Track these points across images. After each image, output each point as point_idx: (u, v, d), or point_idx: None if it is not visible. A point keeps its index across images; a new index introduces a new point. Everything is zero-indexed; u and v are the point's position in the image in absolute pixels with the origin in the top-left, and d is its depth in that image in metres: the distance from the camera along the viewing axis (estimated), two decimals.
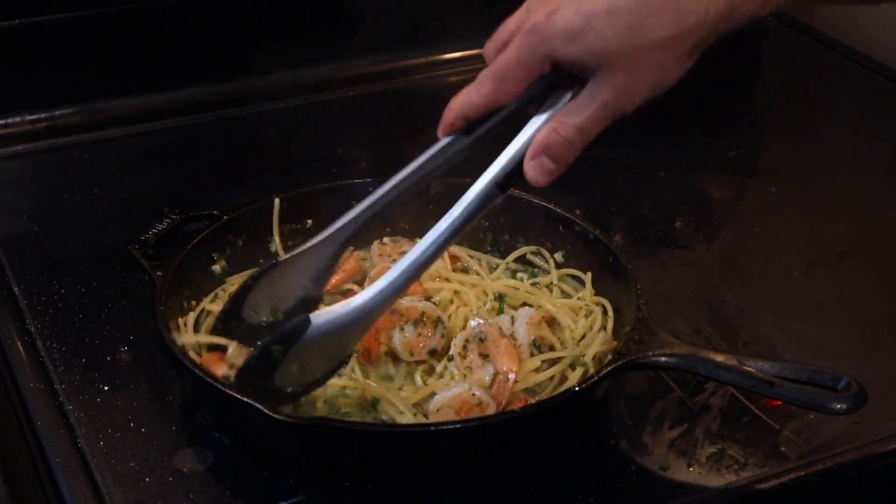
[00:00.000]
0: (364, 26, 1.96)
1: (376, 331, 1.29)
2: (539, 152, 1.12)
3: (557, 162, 1.12)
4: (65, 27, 1.78)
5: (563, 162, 1.13)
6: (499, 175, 1.14)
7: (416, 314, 1.29)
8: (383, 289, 1.16)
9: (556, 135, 1.11)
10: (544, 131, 1.12)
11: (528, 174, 1.13)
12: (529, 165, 1.13)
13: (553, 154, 1.12)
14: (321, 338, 1.17)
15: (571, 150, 1.12)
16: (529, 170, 1.13)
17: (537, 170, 1.13)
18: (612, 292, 1.35)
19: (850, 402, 1.13)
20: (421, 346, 1.29)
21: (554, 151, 1.12)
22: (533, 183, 1.14)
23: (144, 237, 1.38)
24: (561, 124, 1.11)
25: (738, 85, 2.09)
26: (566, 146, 1.11)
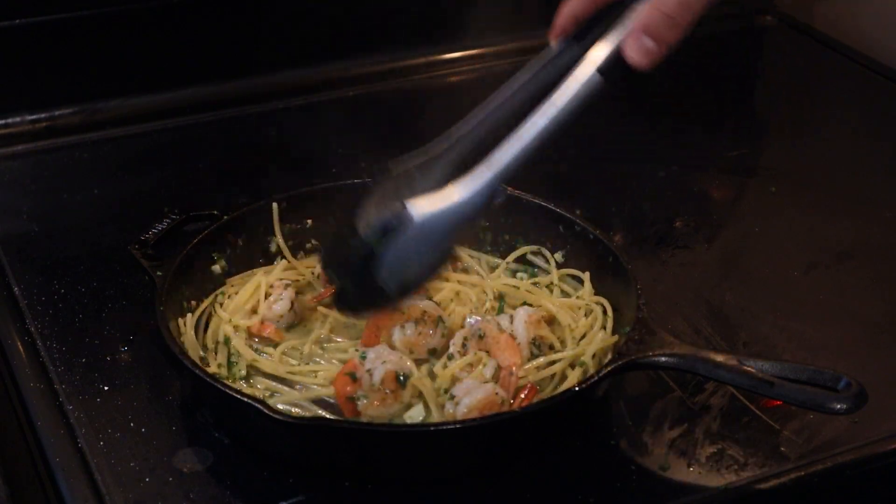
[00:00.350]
0: (364, 26, 1.96)
1: (377, 327, 1.29)
2: (641, 31, 1.06)
3: (658, 41, 1.06)
4: (65, 27, 1.78)
5: (666, 41, 1.06)
6: (603, 61, 1.07)
7: (417, 313, 1.29)
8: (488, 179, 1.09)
9: (657, 11, 1.06)
10: (645, 9, 1.06)
11: (628, 55, 1.06)
12: (630, 46, 1.06)
13: (654, 32, 1.06)
14: (423, 232, 1.10)
15: (673, 27, 1.06)
16: (631, 50, 1.06)
17: (639, 50, 1.06)
18: (612, 292, 1.35)
19: (850, 402, 1.13)
20: (421, 344, 1.29)
21: (655, 30, 1.06)
22: (635, 65, 1.07)
23: (144, 237, 1.38)
24: (661, 2, 1.06)
25: (738, 85, 2.09)
26: (667, 23, 1.06)
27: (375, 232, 1.10)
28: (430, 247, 1.12)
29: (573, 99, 1.07)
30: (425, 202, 1.10)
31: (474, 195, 1.09)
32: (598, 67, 1.07)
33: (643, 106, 1.92)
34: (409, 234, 1.10)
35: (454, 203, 1.10)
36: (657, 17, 1.06)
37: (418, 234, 1.10)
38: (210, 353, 1.30)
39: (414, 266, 1.13)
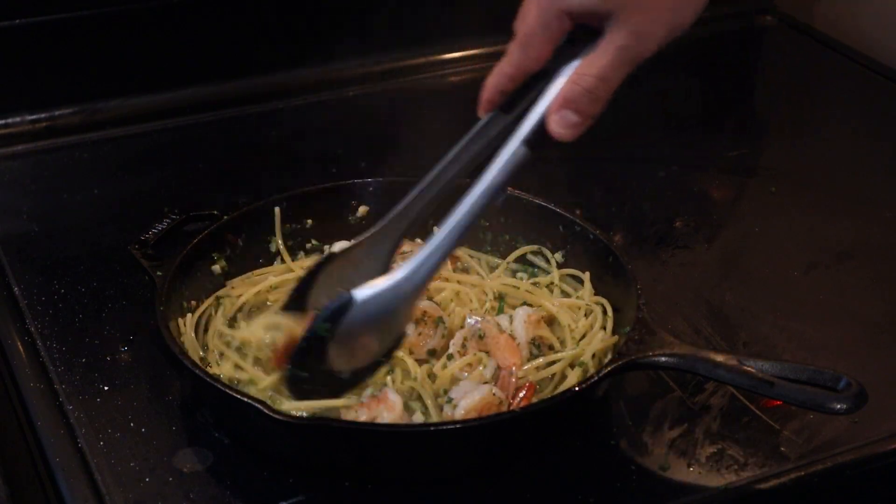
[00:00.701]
0: (364, 26, 1.96)
1: None
2: (562, 106, 1.10)
3: (581, 114, 1.10)
4: (65, 27, 1.78)
5: (587, 114, 1.11)
6: (528, 134, 1.11)
7: (417, 313, 1.29)
8: (426, 257, 1.14)
9: (577, 86, 1.10)
10: (566, 84, 1.10)
11: (552, 129, 1.11)
12: (553, 120, 1.11)
13: (576, 107, 1.10)
14: (368, 314, 1.14)
15: (594, 100, 1.10)
16: (553, 125, 1.11)
17: (561, 124, 1.11)
18: (612, 292, 1.35)
19: (850, 402, 1.13)
20: (421, 345, 1.29)
21: (576, 104, 1.10)
22: (558, 138, 1.11)
23: (144, 237, 1.38)
24: (581, 76, 1.10)
25: (738, 85, 2.09)
26: (588, 97, 1.10)
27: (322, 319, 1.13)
28: (377, 327, 1.16)
29: (501, 172, 1.12)
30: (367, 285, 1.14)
31: (413, 273, 1.14)
32: (523, 140, 1.11)
33: (643, 106, 1.92)
34: (354, 317, 1.13)
35: (394, 282, 1.13)
36: (577, 93, 1.09)
37: (363, 316, 1.13)
38: (211, 353, 1.30)
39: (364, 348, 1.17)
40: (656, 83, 1.92)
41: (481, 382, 1.23)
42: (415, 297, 1.16)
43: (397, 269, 1.14)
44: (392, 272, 1.15)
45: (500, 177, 1.12)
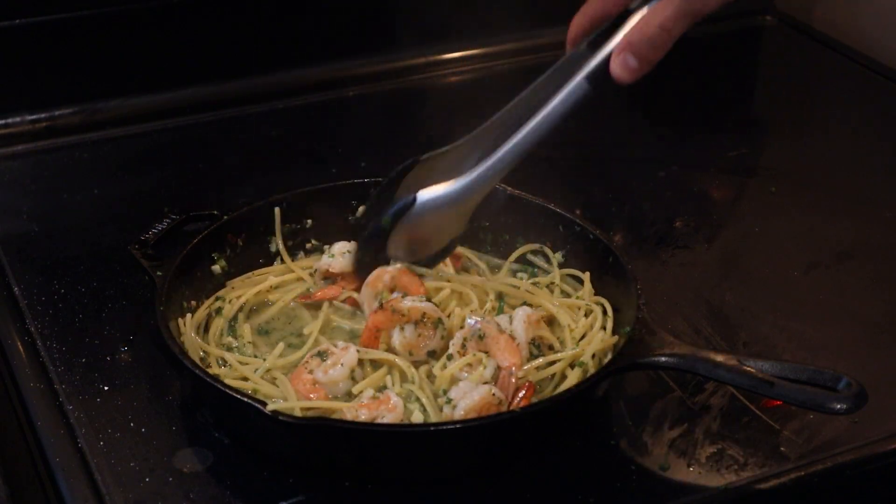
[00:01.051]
0: (364, 26, 1.96)
1: (377, 329, 1.29)
2: (624, 49, 1.18)
3: (640, 60, 1.18)
4: (65, 27, 1.78)
5: (646, 60, 1.18)
6: (591, 70, 1.19)
7: (417, 315, 1.29)
8: (487, 168, 1.25)
9: (640, 33, 1.17)
10: (631, 30, 1.18)
11: (613, 70, 1.19)
12: (615, 61, 1.18)
13: (637, 52, 1.17)
14: (428, 213, 1.28)
15: (654, 48, 1.17)
16: (615, 65, 1.18)
17: (622, 66, 1.18)
18: (612, 292, 1.35)
19: (850, 402, 1.13)
20: (420, 346, 1.29)
21: (637, 49, 1.17)
22: (617, 79, 1.19)
23: (144, 237, 1.38)
24: (645, 23, 1.17)
25: (738, 85, 2.09)
26: (649, 45, 1.17)
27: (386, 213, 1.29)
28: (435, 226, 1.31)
29: (561, 103, 1.21)
30: (430, 188, 1.28)
31: (471, 182, 1.27)
32: (585, 76, 1.20)
33: (643, 106, 1.92)
34: (414, 215, 1.28)
35: (453, 188, 1.27)
36: (640, 39, 1.18)
37: (423, 215, 1.28)
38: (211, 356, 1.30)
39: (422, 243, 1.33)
40: (656, 83, 1.92)
41: (481, 382, 1.23)
42: (471, 204, 1.29)
43: (458, 177, 1.26)
44: (453, 180, 1.26)
45: (560, 106, 1.21)
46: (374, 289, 1.34)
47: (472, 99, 1.95)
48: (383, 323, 1.29)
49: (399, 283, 1.34)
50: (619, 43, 1.18)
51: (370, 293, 1.35)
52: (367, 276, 1.36)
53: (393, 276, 1.34)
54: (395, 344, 1.28)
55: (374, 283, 1.35)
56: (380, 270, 1.35)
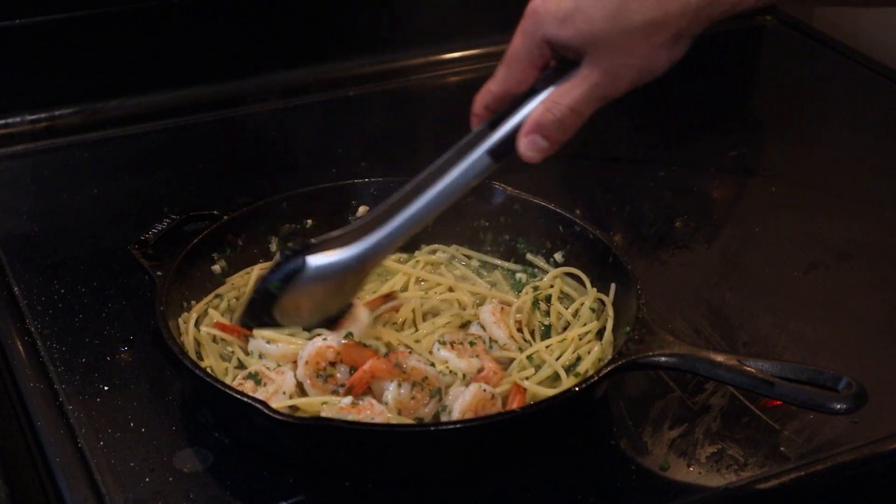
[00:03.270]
0: (364, 26, 1.96)
1: (371, 376, 1.22)
2: (532, 130, 1.17)
3: (550, 140, 1.17)
4: (65, 27, 1.78)
5: (555, 141, 1.17)
6: (493, 145, 1.20)
7: (418, 376, 1.22)
8: (382, 235, 1.25)
9: (549, 114, 1.16)
10: (538, 109, 1.17)
11: (520, 150, 1.18)
12: (523, 142, 1.18)
13: (545, 133, 1.17)
14: (317, 280, 1.26)
15: (563, 129, 1.17)
16: (522, 146, 1.18)
17: (530, 147, 1.17)
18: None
19: (850, 402, 1.13)
20: (412, 408, 1.22)
21: (546, 130, 1.17)
22: (525, 159, 1.18)
23: (144, 237, 1.38)
24: (554, 104, 1.16)
25: (737, 85, 2.09)
26: (557, 125, 1.16)
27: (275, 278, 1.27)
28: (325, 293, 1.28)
29: (461, 175, 1.22)
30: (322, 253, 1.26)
31: (364, 249, 1.25)
32: (486, 150, 1.20)
33: (643, 106, 1.91)
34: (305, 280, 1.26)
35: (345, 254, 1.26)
36: (549, 120, 1.16)
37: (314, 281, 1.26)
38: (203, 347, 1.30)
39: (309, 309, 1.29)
40: (656, 83, 1.92)
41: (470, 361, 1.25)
42: (363, 273, 1.28)
43: (351, 244, 1.25)
44: (346, 247, 1.26)
45: (460, 178, 1.22)
46: (314, 366, 1.23)
47: (472, 99, 1.95)
48: (381, 372, 1.22)
49: (346, 358, 1.24)
50: (527, 123, 1.17)
51: (311, 371, 1.23)
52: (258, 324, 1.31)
53: (338, 352, 1.24)
54: (387, 398, 1.21)
55: (316, 361, 1.23)
56: (322, 346, 1.24)
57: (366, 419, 1.18)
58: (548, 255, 1.44)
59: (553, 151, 1.18)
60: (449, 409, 1.21)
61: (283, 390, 1.22)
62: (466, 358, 1.27)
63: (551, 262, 1.44)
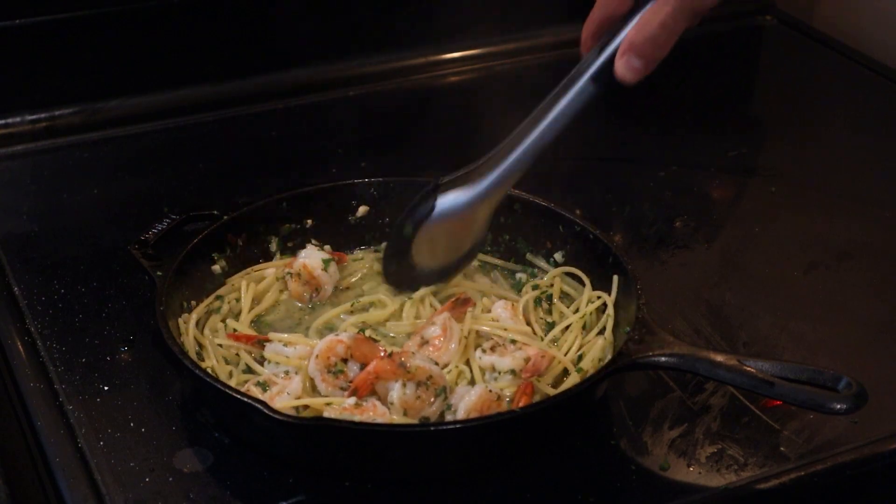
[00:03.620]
0: (364, 26, 1.96)
1: (376, 377, 1.22)
2: (627, 51, 1.20)
3: (644, 59, 1.20)
4: (65, 27, 1.78)
5: (650, 60, 1.20)
6: (594, 71, 1.23)
7: (423, 375, 1.22)
8: (501, 171, 1.29)
9: (642, 33, 1.19)
10: (632, 30, 1.20)
11: (617, 71, 1.21)
12: (619, 63, 1.21)
13: (639, 52, 1.20)
14: (447, 218, 1.32)
15: (656, 47, 1.20)
16: (619, 67, 1.21)
17: (626, 67, 1.21)
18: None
19: (850, 402, 1.13)
20: (417, 408, 1.21)
21: (640, 49, 1.20)
22: (622, 80, 1.21)
23: (144, 237, 1.38)
24: (646, 23, 1.20)
25: (737, 85, 2.09)
26: (650, 44, 1.19)
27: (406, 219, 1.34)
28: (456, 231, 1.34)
29: (569, 105, 1.25)
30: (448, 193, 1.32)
31: (486, 186, 1.31)
32: (590, 77, 1.24)
33: (643, 106, 1.92)
34: (435, 220, 1.32)
35: (470, 193, 1.31)
36: (642, 39, 1.20)
37: (443, 220, 1.32)
38: (205, 350, 1.30)
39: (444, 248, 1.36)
40: (656, 83, 1.92)
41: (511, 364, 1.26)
42: (488, 207, 1.33)
43: (476, 181, 1.31)
44: (472, 184, 1.31)
45: (568, 108, 1.25)
46: (325, 361, 1.24)
47: (472, 99, 1.95)
48: (385, 373, 1.22)
49: (356, 353, 1.25)
50: (622, 44, 1.20)
51: (322, 366, 1.24)
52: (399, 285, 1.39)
53: (348, 347, 1.25)
54: (392, 399, 1.21)
55: (326, 356, 1.24)
56: (332, 340, 1.25)
57: (368, 420, 1.18)
58: (548, 255, 1.44)
59: (648, 70, 1.21)
60: (454, 408, 1.21)
61: (288, 391, 1.22)
62: (510, 354, 1.27)
63: (551, 262, 1.44)
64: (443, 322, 1.30)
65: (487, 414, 1.20)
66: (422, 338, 1.30)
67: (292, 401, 1.22)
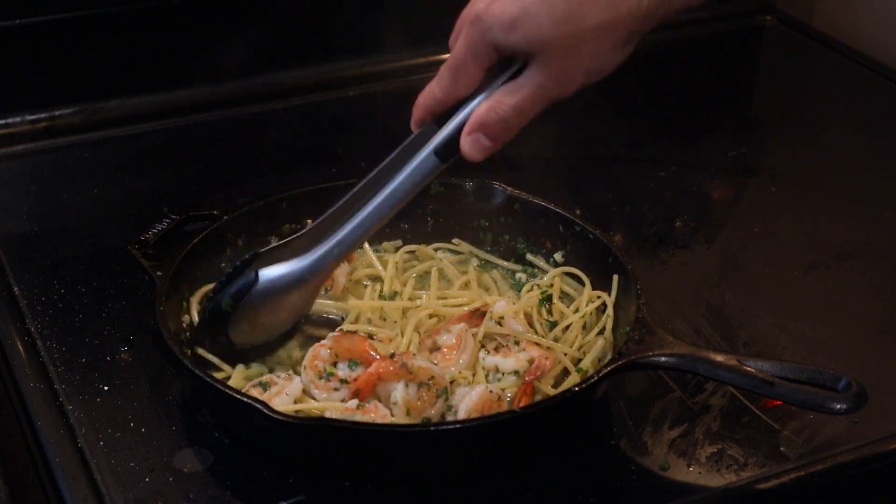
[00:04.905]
0: (364, 26, 1.96)
1: (377, 378, 1.22)
2: (476, 129, 1.16)
3: (493, 139, 1.16)
4: (65, 27, 1.78)
5: (499, 140, 1.17)
6: (438, 145, 1.19)
7: (424, 376, 1.22)
8: (333, 244, 1.24)
9: (493, 113, 1.15)
10: (482, 108, 1.16)
11: (463, 149, 1.17)
12: (466, 141, 1.17)
13: (489, 132, 1.16)
14: (271, 293, 1.25)
15: (506, 129, 1.16)
16: (465, 145, 1.17)
17: (473, 146, 1.17)
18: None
19: (850, 402, 1.13)
20: (419, 408, 1.21)
21: (490, 129, 1.16)
22: (468, 158, 1.18)
23: (144, 237, 1.38)
24: (498, 103, 1.15)
25: (737, 85, 2.09)
26: (501, 125, 1.15)
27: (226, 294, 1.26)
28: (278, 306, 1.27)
29: (408, 178, 1.22)
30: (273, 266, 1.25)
31: (316, 259, 1.25)
32: (433, 150, 1.20)
33: (643, 106, 1.92)
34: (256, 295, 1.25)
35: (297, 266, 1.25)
36: (493, 119, 1.15)
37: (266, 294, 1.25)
38: None
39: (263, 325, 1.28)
40: (656, 83, 1.93)
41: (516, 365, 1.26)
42: (316, 282, 1.27)
43: (303, 254, 1.25)
44: (298, 257, 1.25)
45: (407, 181, 1.22)
46: (315, 370, 1.24)
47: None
48: (387, 374, 1.22)
49: (340, 350, 1.25)
50: (471, 122, 1.16)
51: (312, 375, 1.24)
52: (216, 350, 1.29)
53: (331, 348, 1.25)
54: (396, 398, 1.21)
55: (313, 364, 1.24)
56: (315, 348, 1.25)
57: (368, 420, 1.18)
58: (548, 255, 1.44)
59: (496, 150, 1.17)
60: (455, 409, 1.21)
61: (287, 392, 1.22)
62: (513, 355, 1.27)
63: (551, 262, 1.44)
64: (458, 332, 1.29)
65: (487, 414, 1.20)
66: (434, 342, 1.30)
67: (290, 405, 1.21)
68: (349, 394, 1.23)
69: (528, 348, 1.28)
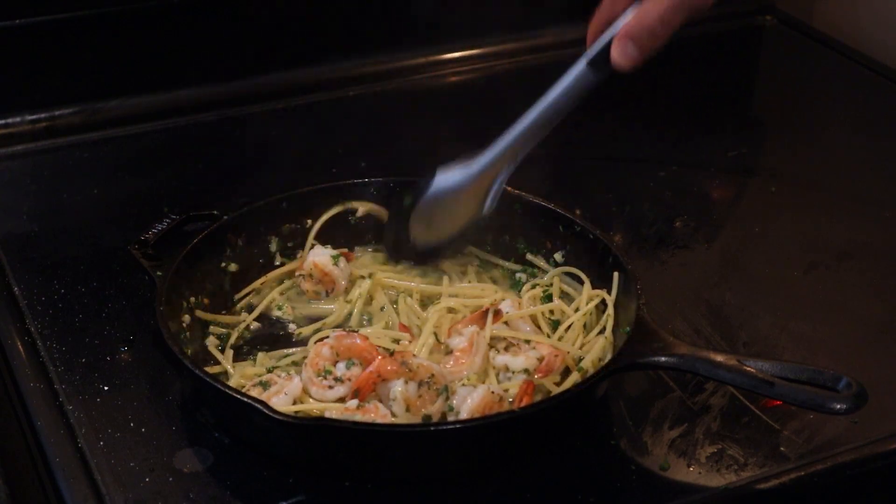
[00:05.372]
0: (364, 26, 1.96)
1: (379, 376, 1.22)
2: (623, 37, 1.23)
3: (640, 48, 1.23)
4: (65, 27, 1.78)
5: (645, 49, 1.23)
6: (593, 55, 1.26)
7: (425, 374, 1.22)
8: (496, 150, 1.35)
9: (639, 23, 1.23)
10: (631, 20, 1.24)
11: (612, 56, 1.24)
12: (616, 49, 1.24)
13: (636, 41, 1.23)
14: (444, 192, 1.38)
15: (652, 38, 1.23)
16: (615, 52, 1.24)
17: (622, 54, 1.24)
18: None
19: (850, 402, 1.13)
20: (419, 406, 1.21)
21: (636, 37, 1.23)
22: (616, 66, 1.24)
23: (144, 237, 1.38)
24: (645, 13, 1.23)
25: (737, 85, 2.09)
26: (647, 34, 1.22)
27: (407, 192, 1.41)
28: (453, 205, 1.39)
29: (564, 87, 1.29)
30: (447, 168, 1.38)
31: (482, 164, 1.36)
32: (587, 61, 1.27)
33: (643, 106, 1.92)
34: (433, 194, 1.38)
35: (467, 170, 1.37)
36: (639, 28, 1.23)
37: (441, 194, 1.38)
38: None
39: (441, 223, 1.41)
40: (656, 83, 1.92)
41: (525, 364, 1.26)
42: (483, 185, 1.37)
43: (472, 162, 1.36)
44: (468, 165, 1.37)
45: (563, 90, 1.29)
46: (315, 368, 1.25)
47: (472, 99, 1.95)
48: (387, 373, 1.22)
49: (342, 350, 1.25)
50: (620, 32, 1.23)
51: (311, 373, 1.25)
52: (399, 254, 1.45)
53: (332, 347, 1.25)
54: (395, 395, 1.20)
55: (315, 363, 1.25)
56: (317, 347, 1.26)
57: (368, 420, 1.18)
58: (548, 255, 1.44)
59: (642, 59, 1.23)
60: (456, 410, 1.21)
61: (286, 391, 1.22)
62: (523, 354, 1.27)
63: (551, 262, 1.44)
64: (470, 335, 1.29)
65: (488, 414, 1.20)
66: (446, 346, 1.30)
67: (290, 405, 1.22)
68: (350, 393, 1.23)
69: (537, 347, 1.28)
